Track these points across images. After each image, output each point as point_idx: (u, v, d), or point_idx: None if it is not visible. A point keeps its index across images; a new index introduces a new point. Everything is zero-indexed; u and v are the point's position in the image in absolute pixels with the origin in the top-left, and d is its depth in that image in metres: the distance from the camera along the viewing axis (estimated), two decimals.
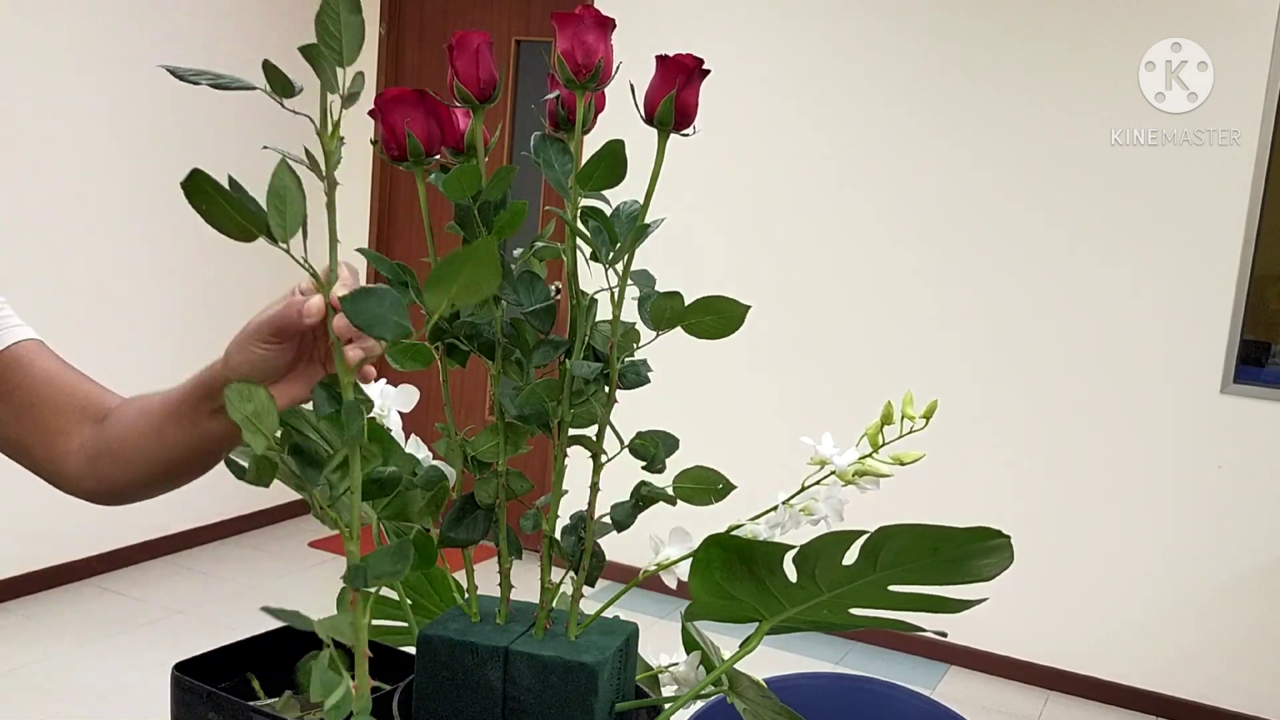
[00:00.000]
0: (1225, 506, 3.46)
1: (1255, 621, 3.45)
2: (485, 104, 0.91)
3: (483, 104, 0.91)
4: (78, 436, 0.98)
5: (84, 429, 0.99)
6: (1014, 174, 3.63)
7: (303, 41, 0.69)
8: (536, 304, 0.91)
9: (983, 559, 0.85)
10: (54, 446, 0.98)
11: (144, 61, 3.86)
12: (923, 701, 1.33)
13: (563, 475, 0.97)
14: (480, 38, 0.90)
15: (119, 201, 3.86)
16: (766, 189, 3.97)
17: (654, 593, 3.73)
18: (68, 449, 0.98)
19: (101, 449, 0.98)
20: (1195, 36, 3.36)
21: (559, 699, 0.92)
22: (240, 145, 4.28)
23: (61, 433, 0.98)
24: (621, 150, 0.85)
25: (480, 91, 0.91)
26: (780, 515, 1.03)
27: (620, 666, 0.96)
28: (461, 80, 0.90)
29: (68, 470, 0.99)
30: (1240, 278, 3.39)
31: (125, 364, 3.90)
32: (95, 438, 0.98)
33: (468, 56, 0.90)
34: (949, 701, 1.44)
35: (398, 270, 0.92)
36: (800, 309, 3.94)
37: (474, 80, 0.90)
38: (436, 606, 1.15)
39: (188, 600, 3.83)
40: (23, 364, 0.99)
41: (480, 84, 0.90)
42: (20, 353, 1.00)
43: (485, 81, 0.90)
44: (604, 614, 1.01)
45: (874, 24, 3.78)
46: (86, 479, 0.99)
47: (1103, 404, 3.58)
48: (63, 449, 0.98)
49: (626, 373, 0.95)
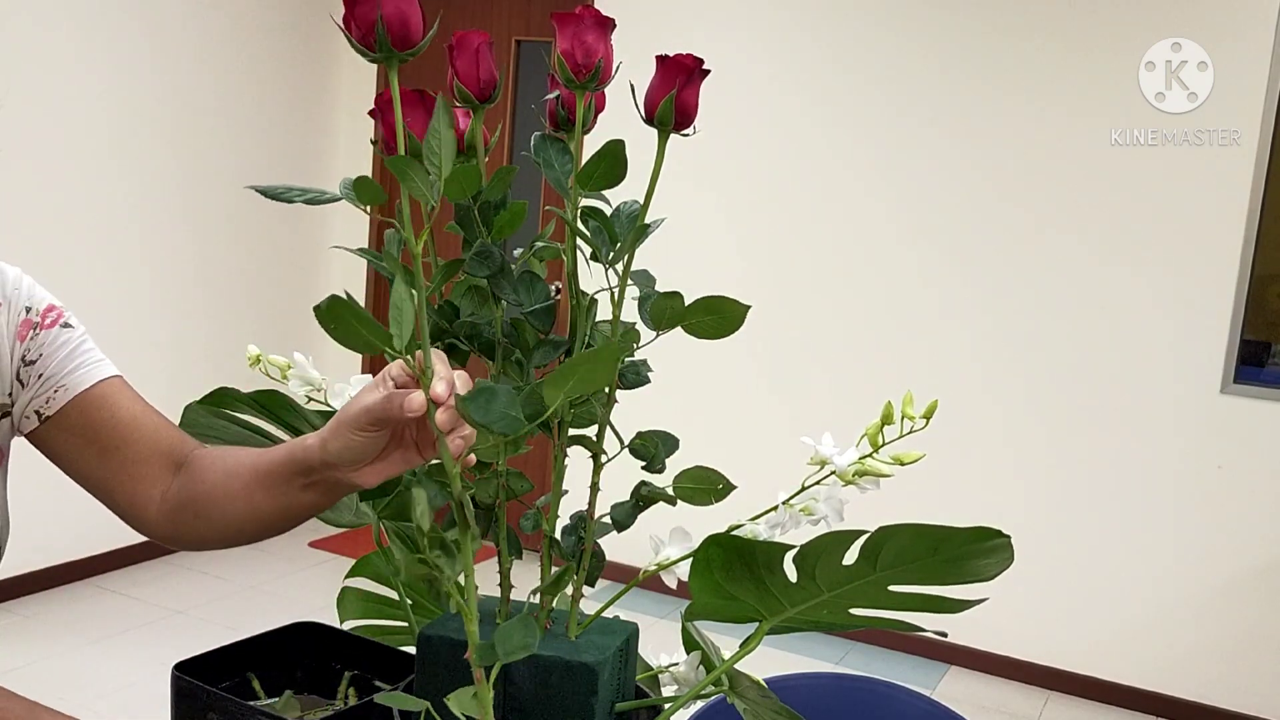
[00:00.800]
0: (1225, 506, 3.46)
1: (1255, 621, 3.45)
2: (485, 104, 0.91)
3: (483, 104, 0.91)
4: (160, 484, 1.00)
5: (166, 477, 1.00)
6: (1014, 174, 3.63)
7: (307, 28, 0.69)
8: (536, 304, 0.91)
9: (983, 559, 0.85)
10: (137, 493, 0.99)
11: (148, 58, 3.86)
12: (923, 701, 1.33)
13: (563, 475, 0.97)
14: (480, 38, 0.90)
15: (120, 199, 3.86)
16: (767, 189, 3.97)
17: (654, 593, 3.73)
18: (150, 495, 0.99)
19: (185, 502, 0.98)
20: (1195, 36, 3.36)
21: (559, 699, 0.92)
22: (244, 142, 4.28)
23: (145, 479, 0.99)
24: (621, 150, 0.85)
25: (480, 91, 0.91)
26: (780, 515, 1.03)
27: (620, 666, 0.96)
28: (461, 80, 0.90)
29: (148, 516, 1.00)
30: (1240, 278, 3.39)
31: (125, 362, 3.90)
32: (178, 490, 0.99)
33: (468, 56, 0.90)
34: (949, 701, 1.45)
35: (403, 271, 0.92)
36: (801, 309, 3.94)
37: (474, 80, 0.90)
38: (436, 606, 1.15)
39: (188, 600, 3.83)
40: (109, 403, 1.00)
41: (480, 84, 0.90)
42: (106, 391, 1.00)
43: (485, 81, 0.90)
44: (604, 614, 1.01)
45: (874, 24, 3.77)
46: (165, 526, 1.00)
47: (1103, 404, 3.58)
48: (145, 495, 0.99)
49: (626, 373, 0.95)
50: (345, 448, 0.84)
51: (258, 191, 0.80)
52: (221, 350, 4.21)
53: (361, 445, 0.84)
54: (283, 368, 1.14)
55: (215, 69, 4.12)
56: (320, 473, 0.88)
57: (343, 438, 0.84)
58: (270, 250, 4.48)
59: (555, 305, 0.92)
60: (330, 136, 4.66)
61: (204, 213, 4.16)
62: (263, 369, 1.15)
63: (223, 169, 4.20)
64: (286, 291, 4.58)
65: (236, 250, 4.34)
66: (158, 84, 3.92)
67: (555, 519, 0.97)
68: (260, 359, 1.15)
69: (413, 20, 0.75)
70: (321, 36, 4.52)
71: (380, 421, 0.82)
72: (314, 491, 0.91)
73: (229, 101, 4.20)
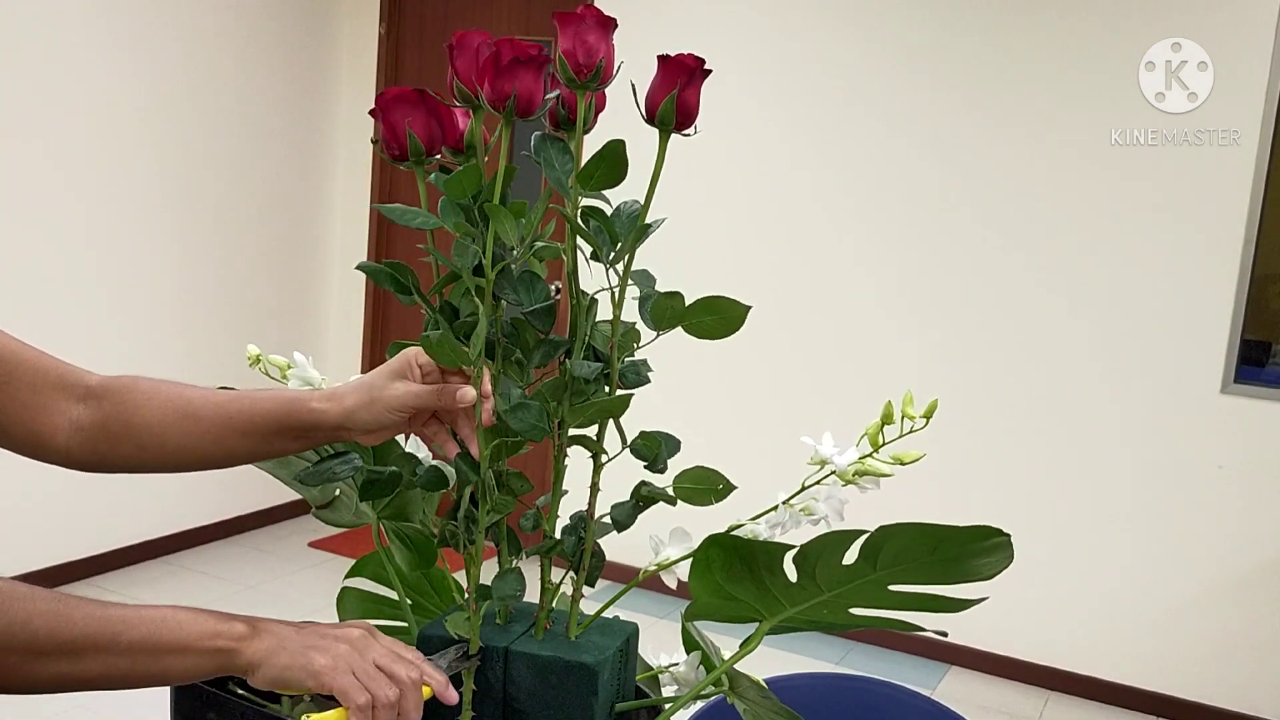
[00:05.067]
0: (1225, 506, 3.46)
1: (1255, 621, 3.45)
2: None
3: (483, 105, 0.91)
4: (61, 413, 0.99)
5: (67, 404, 1.00)
6: (1014, 174, 3.63)
7: (307, 28, 0.69)
8: (536, 304, 0.91)
9: (983, 558, 0.85)
10: (36, 422, 0.99)
11: (149, 57, 3.86)
12: (923, 701, 1.33)
13: (563, 475, 0.97)
14: (480, 37, 0.90)
15: (119, 200, 3.86)
16: (769, 189, 3.97)
17: (654, 593, 3.72)
18: (53, 424, 0.99)
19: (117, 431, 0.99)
20: (1195, 36, 3.36)
21: (559, 699, 0.92)
22: (244, 142, 4.28)
23: (42, 409, 0.99)
24: (622, 150, 0.85)
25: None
26: (780, 515, 1.03)
27: (620, 666, 0.96)
28: (461, 80, 0.90)
29: (55, 444, 1.00)
30: (1240, 278, 3.39)
31: (126, 362, 3.90)
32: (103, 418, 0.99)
33: (468, 56, 0.90)
34: (949, 701, 1.45)
35: (404, 271, 0.92)
36: (802, 309, 3.94)
37: (474, 80, 0.90)
38: (436, 606, 1.15)
39: (187, 600, 3.83)
40: None
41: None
42: None
43: None
44: (604, 614, 1.01)
45: (874, 24, 3.77)
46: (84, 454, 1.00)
47: (1103, 404, 3.58)
48: (46, 424, 0.99)
49: (627, 373, 0.95)
50: (375, 421, 0.92)
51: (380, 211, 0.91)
52: (222, 350, 4.21)
53: (393, 422, 0.92)
54: (282, 367, 1.14)
55: (216, 69, 4.12)
56: (327, 433, 0.94)
57: (376, 414, 0.91)
58: (271, 251, 4.48)
59: (555, 305, 0.92)
60: (330, 136, 4.66)
61: (203, 213, 4.16)
62: (262, 369, 1.15)
63: (222, 169, 4.20)
64: (287, 292, 4.58)
65: (237, 251, 4.34)
66: (158, 84, 3.92)
67: (555, 519, 0.97)
68: (260, 359, 1.15)
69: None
70: (321, 36, 4.52)
71: (422, 409, 0.92)
72: (304, 443, 0.97)
73: (230, 102, 4.20)
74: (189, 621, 0.83)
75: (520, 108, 0.85)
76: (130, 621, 0.81)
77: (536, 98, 0.87)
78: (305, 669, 0.83)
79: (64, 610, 0.80)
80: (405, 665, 0.85)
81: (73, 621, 0.79)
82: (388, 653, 0.86)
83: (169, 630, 0.82)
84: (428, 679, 0.86)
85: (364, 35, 4.61)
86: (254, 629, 0.85)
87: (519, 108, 0.85)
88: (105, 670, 0.81)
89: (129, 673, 0.81)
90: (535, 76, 0.86)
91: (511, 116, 0.86)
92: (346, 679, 0.83)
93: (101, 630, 0.80)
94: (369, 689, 0.83)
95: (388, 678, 0.84)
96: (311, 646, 0.84)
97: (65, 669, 0.79)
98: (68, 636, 0.79)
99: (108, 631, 0.80)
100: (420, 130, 0.91)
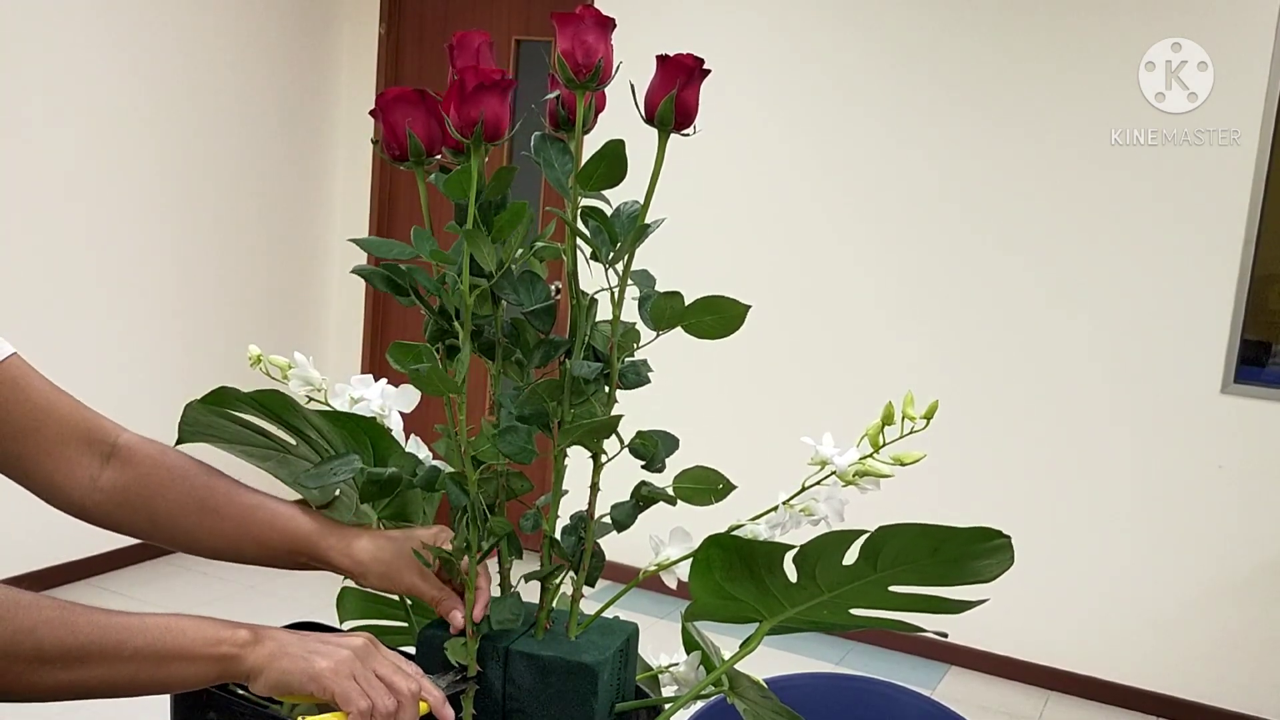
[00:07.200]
0: (1225, 506, 3.46)
1: (1255, 621, 3.45)
2: None
3: None
4: (83, 468, 1.00)
5: (90, 462, 1.01)
6: (1014, 174, 3.63)
7: (307, 28, 0.69)
8: (536, 304, 0.91)
9: (983, 559, 0.85)
10: (57, 472, 1.00)
11: (153, 53, 3.86)
12: (923, 701, 1.33)
13: (563, 475, 0.97)
14: (480, 38, 0.90)
15: (119, 201, 3.86)
16: (768, 189, 3.97)
17: (654, 593, 3.72)
18: (74, 478, 1.00)
19: (128, 500, 1.01)
20: (1195, 36, 3.36)
21: (559, 699, 0.92)
22: (244, 142, 4.28)
23: (65, 460, 1.00)
24: (622, 150, 0.85)
25: None
26: (780, 515, 1.03)
27: (620, 666, 0.96)
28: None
29: (74, 498, 1.01)
30: (1240, 278, 3.39)
31: (126, 362, 3.90)
32: (125, 485, 1.01)
33: (468, 56, 0.90)
34: (949, 701, 1.45)
35: (400, 273, 0.92)
36: (802, 309, 3.94)
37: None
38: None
39: (187, 600, 3.83)
40: (18, 385, 0.98)
41: None
42: (12, 373, 0.98)
43: None
44: (604, 614, 1.01)
45: (874, 24, 3.77)
46: (104, 513, 1.02)
47: (1103, 404, 3.58)
48: (66, 475, 1.00)
49: (626, 373, 0.95)
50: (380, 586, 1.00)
51: (356, 243, 0.96)
52: (222, 350, 4.21)
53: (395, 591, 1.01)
54: (283, 368, 1.14)
55: (216, 70, 4.12)
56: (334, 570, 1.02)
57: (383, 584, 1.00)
58: (271, 251, 4.48)
59: (555, 305, 0.92)
60: (330, 136, 4.66)
61: (203, 213, 4.16)
62: (263, 369, 1.15)
63: (222, 169, 4.20)
64: (288, 292, 4.58)
65: (237, 251, 4.33)
66: (158, 85, 3.91)
67: (555, 519, 0.97)
68: (261, 359, 1.15)
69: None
70: (321, 36, 4.52)
71: (427, 602, 0.99)
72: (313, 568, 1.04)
73: (230, 102, 4.20)
74: (192, 628, 0.84)
75: (488, 133, 0.87)
76: (134, 629, 0.82)
77: (503, 123, 0.88)
78: (306, 672, 0.83)
79: (69, 618, 0.80)
80: (405, 678, 0.86)
81: (78, 629, 0.79)
82: (389, 664, 0.87)
83: (173, 637, 0.83)
84: (426, 694, 0.87)
85: (364, 36, 4.61)
86: (257, 635, 0.85)
87: (486, 133, 0.87)
88: (109, 678, 0.81)
89: (133, 680, 0.82)
90: (501, 101, 0.87)
91: (480, 143, 0.87)
92: (347, 683, 0.83)
93: (106, 638, 0.80)
94: (369, 695, 0.83)
95: (387, 688, 0.85)
96: (313, 651, 0.85)
97: (70, 677, 0.80)
98: (73, 644, 0.79)
99: (112, 639, 0.80)
100: (420, 130, 0.91)
